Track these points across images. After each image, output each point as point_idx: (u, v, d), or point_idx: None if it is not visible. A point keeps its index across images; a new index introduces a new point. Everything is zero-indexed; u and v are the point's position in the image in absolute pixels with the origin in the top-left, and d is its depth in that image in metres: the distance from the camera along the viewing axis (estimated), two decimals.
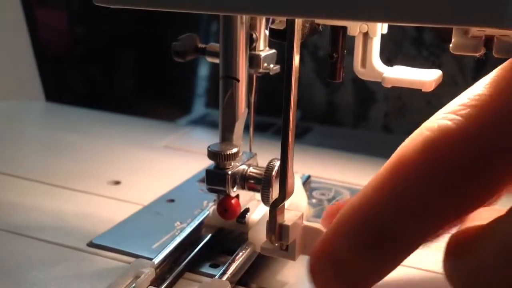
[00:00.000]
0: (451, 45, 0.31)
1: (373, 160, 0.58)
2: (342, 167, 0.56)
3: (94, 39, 0.91)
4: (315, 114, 0.84)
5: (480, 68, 0.75)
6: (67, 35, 0.90)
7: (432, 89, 0.34)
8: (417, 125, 0.30)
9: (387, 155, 0.30)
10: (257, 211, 0.41)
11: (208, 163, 0.55)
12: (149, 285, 0.36)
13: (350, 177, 0.53)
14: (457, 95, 0.30)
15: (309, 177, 0.49)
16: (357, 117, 0.87)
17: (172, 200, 0.49)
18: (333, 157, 0.59)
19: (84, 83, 0.91)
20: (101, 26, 0.90)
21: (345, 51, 0.35)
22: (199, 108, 0.99)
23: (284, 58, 0.32)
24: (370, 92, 0.84)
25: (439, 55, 0.75)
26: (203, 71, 0.98)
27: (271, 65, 0.40)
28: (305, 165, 0.53)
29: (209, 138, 0.66)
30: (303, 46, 0.36)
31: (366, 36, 0.35)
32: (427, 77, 0.34)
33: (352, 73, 0.36)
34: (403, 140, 0.30)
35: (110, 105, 0.75)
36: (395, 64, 0.36)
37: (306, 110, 0.84)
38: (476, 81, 0.29)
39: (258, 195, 0.42)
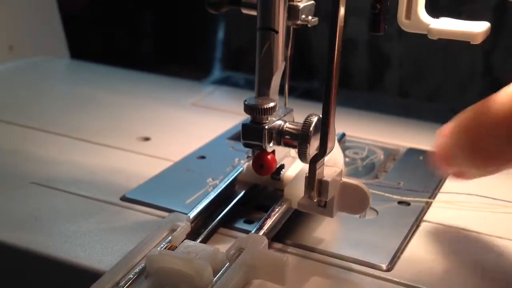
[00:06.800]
0: None
1: (399, 120, 0.57)
2: (373, 127, 0.55)
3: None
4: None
5: (497, 32, 0.72)
6: None
7: (480, 41, 0.33)
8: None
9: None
10: (292, 168, 0.41)
11: (236, 121, 0.54)
12: (185, 239, 0.35)
13: (383, 136, 0.52)
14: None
15: (344, 134, 0.48)
16: (371, 81, 0.84)
17: (203, 157, 0.48)
18: (363, 118, 0.58)
19: (106, 42, 0.90)
20: None
21: (388, 2, 0.34)
22: (218, 71, 0.98)
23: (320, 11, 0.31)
24: (385, 56, 0.81)
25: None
26: (221, 35, 0.96)
27: (309, 17, 0.38)
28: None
29: (236, 97, 0.65)
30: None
31: None
32: (475, 28, 0.33)
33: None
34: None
35: (131, 65, 0.74)
36: None
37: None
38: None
39: (292, 152, 0.41)
